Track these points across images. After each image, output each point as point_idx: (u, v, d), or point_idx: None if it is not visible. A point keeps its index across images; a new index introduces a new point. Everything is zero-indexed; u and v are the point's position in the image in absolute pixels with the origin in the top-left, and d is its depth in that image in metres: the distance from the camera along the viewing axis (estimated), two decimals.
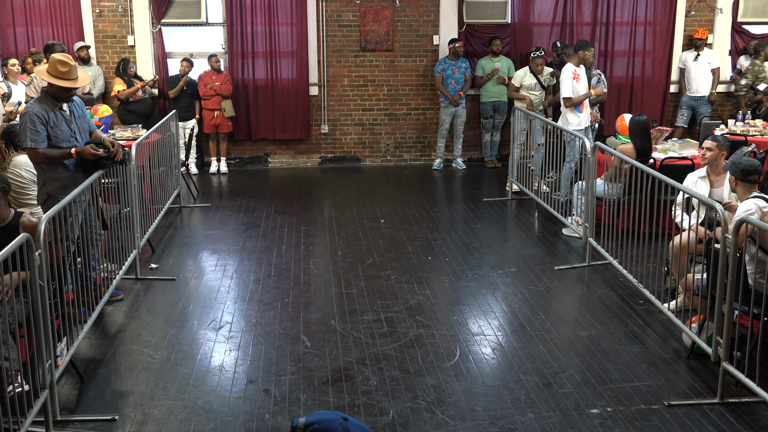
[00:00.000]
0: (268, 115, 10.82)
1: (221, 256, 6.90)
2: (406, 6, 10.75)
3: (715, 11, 11.14)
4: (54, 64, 5.15)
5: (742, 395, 4.24)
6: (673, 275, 5.55)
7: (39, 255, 3.86)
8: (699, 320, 4.71)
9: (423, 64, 10.96)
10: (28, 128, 5.06)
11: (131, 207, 6.18)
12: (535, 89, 9.73)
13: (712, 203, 4.50)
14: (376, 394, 4.31)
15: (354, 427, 1.83)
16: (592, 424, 3.99)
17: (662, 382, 4.46)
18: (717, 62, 10.80)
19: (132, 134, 8.38)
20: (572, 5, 10.86)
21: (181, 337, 5.12)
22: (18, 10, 10.18)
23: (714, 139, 5.88)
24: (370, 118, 11.09)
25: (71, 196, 4.79)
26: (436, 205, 8.80)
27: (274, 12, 10.53)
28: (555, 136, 7.92)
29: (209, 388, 4.41)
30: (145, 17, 10.40)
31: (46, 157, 5.15)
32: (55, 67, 5.15)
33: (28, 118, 5.08)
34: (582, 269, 6.47)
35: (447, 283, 6.18)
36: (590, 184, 6.60)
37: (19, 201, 5.78)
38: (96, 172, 5.37)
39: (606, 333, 5.17)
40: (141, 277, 6.24)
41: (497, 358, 4.82)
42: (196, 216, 8.37)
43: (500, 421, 4.04)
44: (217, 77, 10.26)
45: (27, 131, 5.06)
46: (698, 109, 10.84)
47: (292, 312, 5.55)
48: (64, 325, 4.34)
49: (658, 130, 8.04)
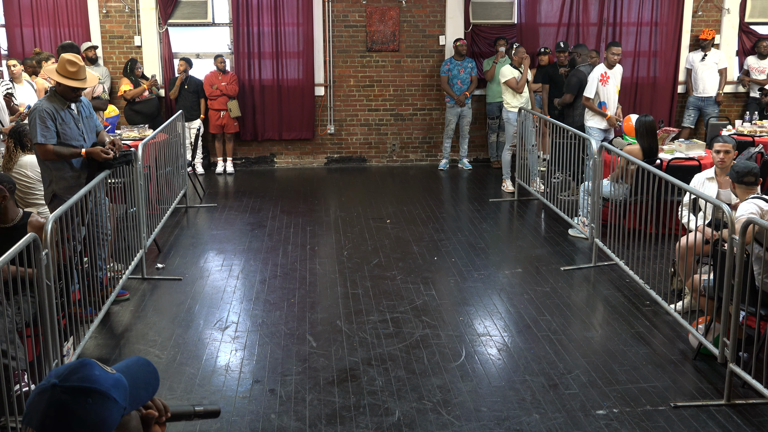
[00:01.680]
0: (275, 115, 10.83)
1: (227, 256, 6.91)
2: (412, 6, 10.75)
3: (722, 11, 11.10)
4: (63, 64, 5.18)
5: (749, 397, 4.22)
6: (679, 276, 5.54)
7: (46, 255, 3.87)
8: (705, 321, 4.70)
9: (429, 65, 10.95)
10: (38, 124, 5.10)
11: (138, 207, 6.20)
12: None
13: (719, 204, 4.50)
14: (381, 395, 4.31)
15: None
16: (598, 425, 3.99)
17: (669, 383, 4.45)
18: (724, 63, 10.76)
19: (138, 134, 8.40)
20: (579, 6, 10.84)
21: (187, 337, 5.13)
22: (25, 10, 10.22)
23: (728, 140, 5.87)
24: (376, 119, 11.09)
25: (78, 195, 4.81)
26: (442, 205, 8.79)
27: (281, 12, 10.55)
28: (561, 136, 7.90)
29: (215, 388, 4.42)
30: (151, 18, 10.42)
31: (56, 154, 5.17)
32: (65, 67, 5.18)
33: (38, 114, 5.11)
34: (588, 270, 6.46)
35: (453, 283, 6.18)
36: (596, 185, 6.59)
37: (26, 201, 5.80)
38: (102, 172, 5.39)
39: (612, 334, 5.15)
40: (147, 276, 6.25)
41: (503, 358, 4.82)
42: (203, 216, 8.38)
43: (506, 421, 4.03)
44: (223, 77, 10.28)
45: (37, 127, 5.09)
46: (705, 109, 10.81)
47: (297, 312, 5.56)
48: (70, 325, 4.35)
49: (665, 130, 8.02)
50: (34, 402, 1.49)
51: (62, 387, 1.48)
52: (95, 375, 1.52)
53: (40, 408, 1.47)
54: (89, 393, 1.49)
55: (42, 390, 1.49)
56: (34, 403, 1.49)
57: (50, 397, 1.47)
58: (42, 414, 1.46)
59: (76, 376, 1.50)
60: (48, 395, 1.48)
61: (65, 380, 1.49)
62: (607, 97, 8.24)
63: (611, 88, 8.23)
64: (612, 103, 8.30)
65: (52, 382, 1.49)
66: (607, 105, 8.24)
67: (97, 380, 1.52)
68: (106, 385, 1.52)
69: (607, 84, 8.18)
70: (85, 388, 1.49)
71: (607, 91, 8.23)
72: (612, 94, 8.25)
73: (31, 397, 1.50)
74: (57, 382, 1.48)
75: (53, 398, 1.47)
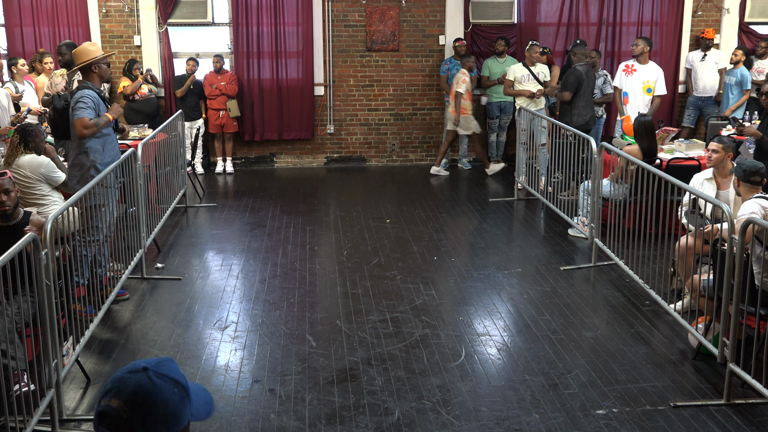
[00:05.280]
0: (274, 115, 10.83)
1: (227, 255, 6.91)
2: (412, 6, 10.75)
3: (722, 11, 11.11)
4: (85, 50, 5.58)
5: (749, 396, 4.22)
6: (679, 276, 5.54)
7: (45, 254, 3.87)
8: (705, 321, 4.70)
9: (429, 64, 10.95)
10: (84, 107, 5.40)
11: (137, 207, 6.20)
12: (528, 81, 9.65)
13: (719, 204, 4.50)
14: (381, 394, 4.31)
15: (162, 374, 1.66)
16: (598, 425, 3.98)
17: (668, 383, 4.45)
18: (724, 62, 10.76)
19: (138, 134, 8.40)
20: (579, 5, 10.84)
21: (187, 337, 5.13)
22: (25, 10, 10.21)
23: (720, 140, 5.86)
24: (376, 119, 11.09)
25: (80, 193, 4.83)
26: (442, 205, 8.79)
27: (280, 12, 10.54)
28: (559, 135, 7.90)
29: (215, 388, 4.42)
30: (151, 17, 10.42)
31: (96, 125, 5.47)
32: (88, 51, 5.56)
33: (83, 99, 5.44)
34: (588, 270, 6.46)
35: (452, 283, 6.18)
36: (596, 185, 6.59)
37: (26, 201, 5.79)
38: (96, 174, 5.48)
39: (612, 334, 5.16)
40: (147, 276, 6.25)
41: (503, 358, 4.82)
42: (202, 216, 8.38)
43: (506, 421, 4.03)
44: (222, 77, 10.28)
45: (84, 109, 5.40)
46: (705, 109, 10.80)
47: (297, 312, 5.56)
48: (70, 325, 4.35)
49: (665, 130, 8.03)
50: (122, 379, 1.58)
51: (155, 372, 1.59)
52: (179, 371, 1.64)
53: (131, 384, 1.56)
54: (177, 384, 1.60)
55: (133, 370, 1.58)
56: (122, 380, 1.57)
57: (143, 378, 1.57)
58: (133, 390, 1.55)
59: (165, 367, 1.62)
60: (140, 375, 1.57)
61: (157, 367, 1.60)
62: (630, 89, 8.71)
63: (636, 81, 8.54)
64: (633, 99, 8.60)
65: (143, 366, 1.59)
66: (628, 97, 8.51)
67: (183, 377, 1.64)
68: (187, 384, 1.64)
69: (631, 75, 8.52)
70: (175, 379, 1.61)
71: (631, 83, 8.69)
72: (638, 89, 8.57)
73: (117, 376, 1.59)
74: (149, 366, 1.59)
75: (146, 379, 1.57)
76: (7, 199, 4.44)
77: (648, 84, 8.54)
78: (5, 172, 4.52)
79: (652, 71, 8.66)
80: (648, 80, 8.54)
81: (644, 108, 8.69)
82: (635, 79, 8.51)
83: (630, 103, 8.56)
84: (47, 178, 5.83)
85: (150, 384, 1.56)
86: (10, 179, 4.52)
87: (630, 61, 8.62)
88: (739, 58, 9.84)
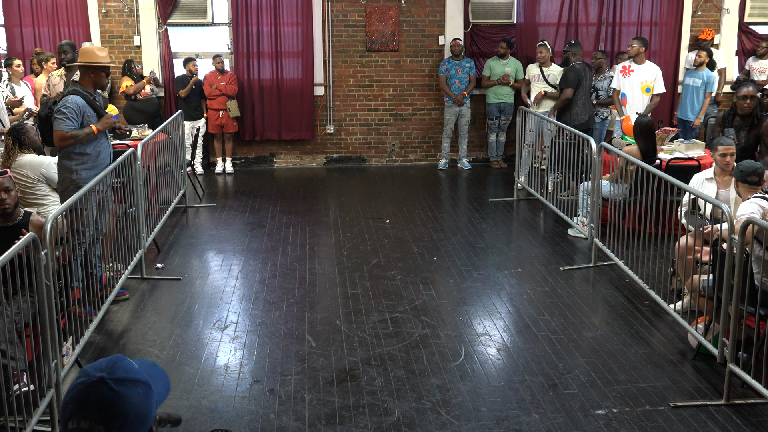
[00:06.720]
0: (274, 115, 10.83)
1: (227, 255, 6.91)
2: (411, 6, 10.75)
3: (721, 12, 11.11)
4: (92, 52, 5.44)
5: (749, 396, 4.22)
6: (678, 276, 5.54)
7: (45, 254, 3.87)
8: (705, 321, 4.70)
9: (428, 65, 10.95)
10: (64, 118, 5.22)
11: (137, 207, 6.20)
12: (537, 82, 9.72)
13: (719, 204, 4.50)
14: (381, 395, 4.31)
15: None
16: (598, 425, 3.99)
17: (668, 383, 4.45)
18: (723, 63, 10.75)
19: (138, 134, 8.40)
20: (578, 6, 10.84)
21: (187, 337, 5.13)
22: (25, 10, 10.21)
23: (730, 142, 5.89)
24: (376, 119, 11.09)
25: (79, 194, 4.82)
26: (442, 205, 8.79)
27: (280, 12, 10.54)
28: (560, 136, 7.90)
29: (214, 388, 4.42)
30: (151, 17, 10.42)
31: (72, 138, 5.29)
32: (95, 54, 5.43)
33: (66, 107, 5.25)
34: (587, 270, 6.46)
35: (452, 283, 6.18)
36: (596, 185, 6.59)
37: (26, 201, 5.79)
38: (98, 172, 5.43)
39: (611, 334, 5.16)
40: (147, 276, 6.25)
41: (502, 358, 4.82)
42: (202, 216, 8.38)
43: (505, 421, 4.03)
44: (222, 77, 10.28)
45: (63, 119, 5.22)
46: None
47: (297, 312, 5.56)
48: (69, 325, 4.35)
49: (665, 130, 8.02)
50: (83, 398, 1.50)
51: (113, 379, 1.52)
52: (134, 367, 1.57)
53: (94, 401, 1.49)
54: (137, 382, 1.54)
55: (90, 384, 1.50)
56: (83, 399, 1.50)
57: (103, 390, 1.50)
58: (98, 407, 1.48)
59: (120, 369, 1.54)
60: (100, 388, 1.50)
61: (111, 373, 1.52)
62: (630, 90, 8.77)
63: (632, 80, 8.61)
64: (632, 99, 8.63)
65: (99, 376, 1.51)
66: (627, 98, 8.55)
67: (139, 372, 1.57)
68: (145, 377, 1.57)
69: (628, 76, 8.64)
70: (134, 379, 1.54)
71: (629, 84, 8.77)
72: (636, 89, 8.63)
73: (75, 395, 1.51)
74: (105, 375, 1.51)
75: (107, 390, 1.50)
76: (8, 197, 4.44)
77: (646, 84, 8.55)
78: (5, 171, 4.53)
79: (650, 71, 8.66)
80: (646, 80, 8.55)
81: (643, 108, 8.68)
82: (633, 80, 8.52)
83: (629, 103, 8.57)
84: (48, 178, 5.83)
85: (113, 395, 1.50)
86: (11, 178, 4.53)
87: (627, 62, 8.65)
88: (703, 60, 9.81)
